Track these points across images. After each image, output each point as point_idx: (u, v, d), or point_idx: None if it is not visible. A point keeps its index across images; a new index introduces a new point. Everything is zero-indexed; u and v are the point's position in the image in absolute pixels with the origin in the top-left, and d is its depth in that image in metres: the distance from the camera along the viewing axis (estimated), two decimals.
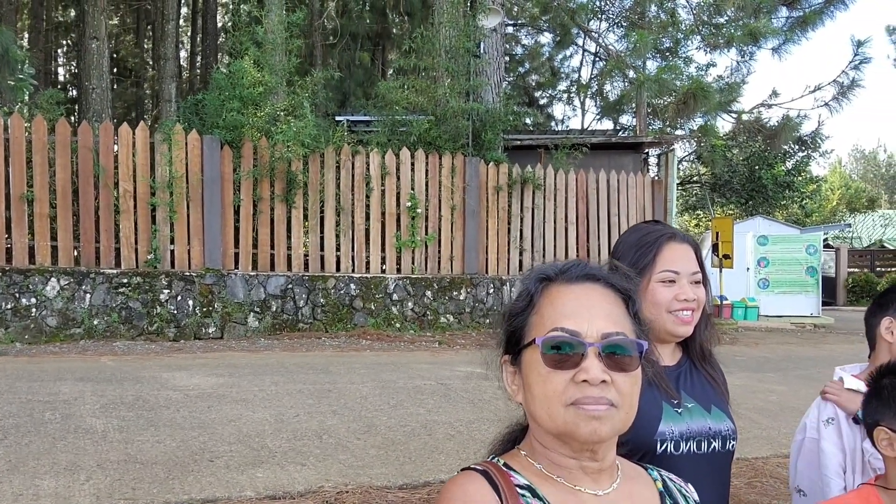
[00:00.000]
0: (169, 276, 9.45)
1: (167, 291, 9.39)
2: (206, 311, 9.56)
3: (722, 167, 20.35)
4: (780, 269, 15.49)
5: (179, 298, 9.44)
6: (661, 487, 1.18)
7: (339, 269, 10.53)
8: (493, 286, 11.28)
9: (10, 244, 9.02)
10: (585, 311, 1.08)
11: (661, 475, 1.21)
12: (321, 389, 6.51)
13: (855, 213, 32.33)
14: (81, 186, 9.32)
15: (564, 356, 1.05)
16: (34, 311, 8.82)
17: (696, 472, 1.64)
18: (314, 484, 4.17)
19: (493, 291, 11.26)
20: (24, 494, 3.80)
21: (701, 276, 1.80)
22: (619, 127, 20.94)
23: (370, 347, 9.25)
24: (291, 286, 10.06)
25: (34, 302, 8.82)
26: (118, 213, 9.46)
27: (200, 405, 5.76)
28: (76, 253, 9.35)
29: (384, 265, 10.84)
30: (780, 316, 15.00)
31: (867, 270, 22.65)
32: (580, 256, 11.67)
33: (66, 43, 27.04)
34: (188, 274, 9.55)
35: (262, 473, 4.30)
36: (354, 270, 10.61)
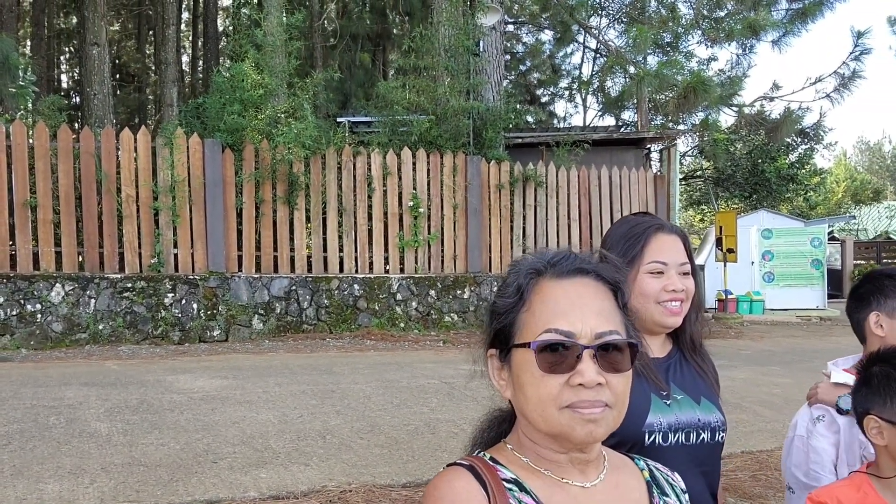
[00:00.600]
0: (173, 279, 9.48)
1: (171, 295, 9.42)
2: (210, 314, 9.59)
3: (724, 161, 20.30)
4: (784, 262, 15.45)
5: (184, 302, 9.47)
6: (647, 477, 1.18)
7: (342, 269, 10.55)
8: (496, 284, 11.25)
9: (14, 251, 9.07)
10: (578, 309, 1.06)
11: (647, 465, 1.21)
12: (325, 390, 6.52)
13: (860, 204, 32.22)
14: (84, 192, 9.36)
15: (559, 358, 1.03)
16: (39, 317, 8.86)
17: (685, 463, 1.63)
18: (317, 484, 4.18)
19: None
20: (28, 499, 3.82)
21: (690, 267, 1.80)
22: (621, 123, 20.92)
23: (374, 347, 9.27)
24: (295, 288, 10.09)
25: (39, 308, 8.87)
26: (121, 217, 9.50)
27: (204, 407, 5.78)
28: (80, 258, 9.39)
29: (387, 265, 10.85)
30: (785, 309, 14.95)
31: (873, 262, 22.54)
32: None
33: (68, 50, 27.16)
34: (192, 277, 9.58)
35: (265, 474, 4.32)
36: (358, 271, 10.62)
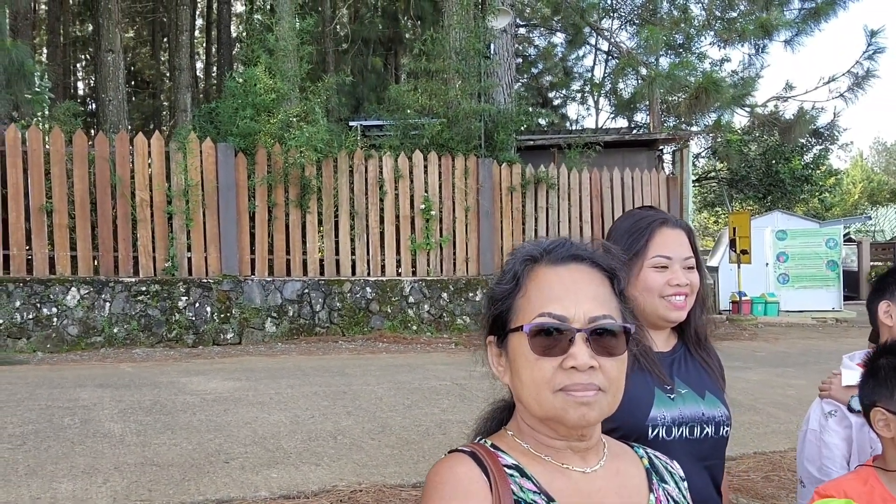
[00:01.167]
0: (187, 283, 9.55)
1: (185, 298, 9.49)
2: (223, 317, 9.64)
3: (738, 162, 20.17)
4: (799, 263, 15.32)
5: (197, 305, 9.54)
6: (646, 464, 1.18)
7: (354, 272, 10.58)
8: None
9: (30, 255, 9.18)
10: (572, 294, 1.07)
11: (646, 453, 1.22)
12: (336, 391, 6.55)
13: (877, 206, 31.90)
14: (99, 196, 9.45)
15: (552, 342, 1.04)
16: (55, 320, 8.95)
17: (688, 457, 1.63)
18: (328, 483, 4.20)
19: None
20: (41, 498, 3.86)
21: (695, 261, 1.79)
22: (633, 125, 20.86)
23: (386, 350, 9.29)
24: (308, 291, 10.13)
25: (55, 311, 8.96)
26: (135, 222, 9.59)
27: (217, 408, 5.82)
28: (95, 262, 9.49)
29: (399, 268, 10.87)
30: (800, 311, 14.82)
31: (890, 263, 22.32)
32: None
33: (84, 57, 27.46)
34: (205, 281, 9.64)
35: (276, 474, 4.34)
36: (370, 274, 10.65)
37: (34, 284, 8.93)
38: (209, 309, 9.59)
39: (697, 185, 24.97)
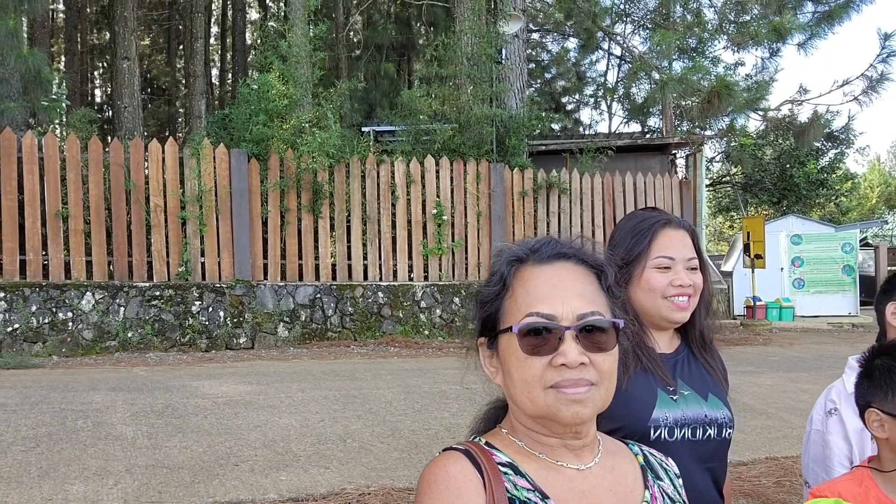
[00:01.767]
0: (200, 287, 9.61)
1: (199, 303, 9.55)
2: (236, 321, 9.70)
3: (752, 166, 20.05)
4: (815, 268, 15.20)
5: (211, 310, 9.60)
6: (642, 461, 1.19)
7: (366, 277, 10.61)
8: None
9: (46, 260, 9.27)
10: (559, 292, 1.08)
11: (641, 450, 1.22)
12: (347, 395, 6.56)
13: (895, 210, 31.58)
14: (114, 202, 9.54)
15: (541, 341, 1.05)
16: (70, 324, 9.04)
17: (691, 459, 1.63)
18: (337, 486, 4.21)
19: None
20: (53, 499, 3.90)
21: (698, 262, 1.78)
22: (646, 129, 20.79)
23: (398, 354, 9.30)
24: (320, 295, 10.17)
25: (70, 316, 9.04)
26: (150, 227, 9.67)
27: (228, 412, 5.85)
28: (110, 267, 9.57)
29: (411, 273, 10.89)
30: (816, 316, 14.70)
31: None
32: None
33: (101, 65, 27.77)
34: (219, 285, 9.70)
35: (285, 476, 4.35)
36: (382, 279, 10.68)
37: (50, 289, 9.02)
38: (222, 313, 9.64)
39: (712, 189, 24.83)
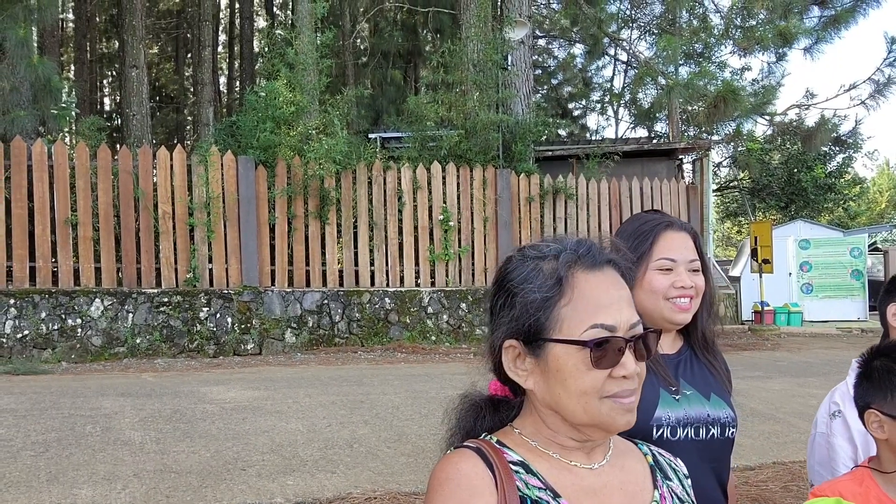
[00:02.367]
0: (208, 294, 9.65)
1: (206, 309, 9.59)
2: (244, 327, 9.73)
3: (759, 171, 20.01)
4: (823, 272, 15.14)
5: (218, 316, 9.64)
6: (651, 461, 1.20)
7: (373, 283, 10.63)
8: None
9: (56, 267, 9.34)
10: (615, 301, 1.07)
11: (650, 450, 1.23)
12: (354, 401, 6.58)
13: None
14: (122, 209, 9.61)
15: (604, 352, 1.04)
16: (80, 331, 9.09)
17: (694, 458, 1.64)
18: (343, 491, 4.22)
19: None
20: (62, 503, 3.92)
21: (700, 264, 1.80)
22: (653, 135, 20.79)
23: (405, 360, 9.31)
24: (327, 301, 10.19)
25: (79, 322, 9.10)
26: (158, 234, 9.73)
27: (235, 417, 5.87)
28: (119, 274, 9.63)
29: (418, 278, 10.91)
30: (825, 321, 14.64)
31: None
32: None
33: (110, 73, 27.98)
34: (226, 292, 9.75)
35: (292, 481, 4.37)
36: (389, 284, 10.70)
37: (59, 296, 9.08)
38: (230, 320, 9.68)
39: (719, 194, 24.78)
